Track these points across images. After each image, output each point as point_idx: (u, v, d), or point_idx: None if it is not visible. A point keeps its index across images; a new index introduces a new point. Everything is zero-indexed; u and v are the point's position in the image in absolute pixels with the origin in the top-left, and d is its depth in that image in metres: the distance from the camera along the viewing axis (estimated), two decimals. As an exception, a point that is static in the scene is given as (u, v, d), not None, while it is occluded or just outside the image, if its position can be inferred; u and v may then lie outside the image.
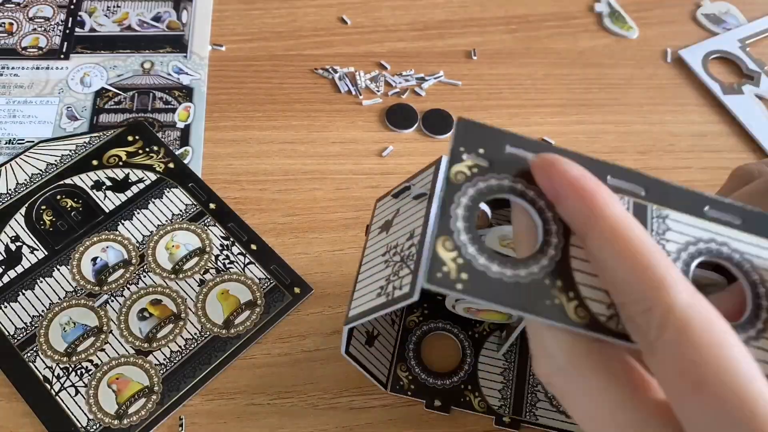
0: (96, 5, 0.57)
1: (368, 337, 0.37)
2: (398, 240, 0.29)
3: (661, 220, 0.25)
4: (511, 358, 0.40)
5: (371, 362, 0.37)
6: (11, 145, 0.48)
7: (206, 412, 0.39)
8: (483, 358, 0.40)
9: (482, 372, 0.40)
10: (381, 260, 0.30)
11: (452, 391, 0.39)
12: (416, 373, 0.40)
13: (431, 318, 0.42)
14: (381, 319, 0.39)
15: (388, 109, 0.52)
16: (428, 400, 0.39)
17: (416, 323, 0.42)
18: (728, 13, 0.60)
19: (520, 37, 0.58)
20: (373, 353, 0.38)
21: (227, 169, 0.48)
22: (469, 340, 0.41)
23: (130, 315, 0.41)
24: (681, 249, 0.24)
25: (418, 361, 0.40)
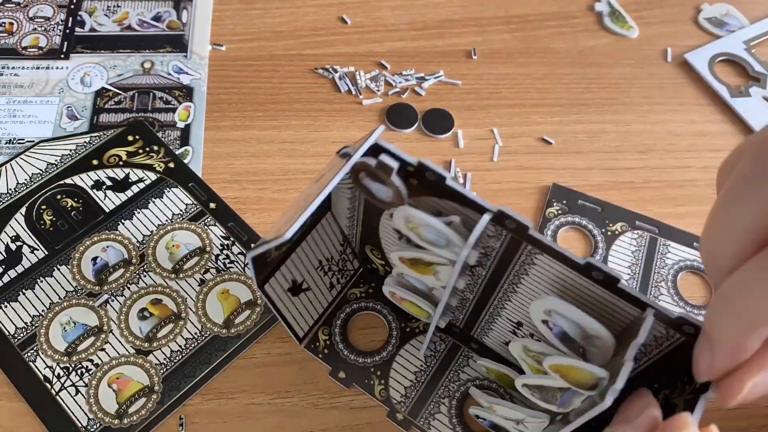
0: (96, 5, 0.57)
1: (294, 286, 0.38)
2: (313, 191, 0.31)
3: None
4: (431, 363, 0.40)
5: (291, 312, 0.38)
6: (11, 145, 0.48)
7: (206, 412, 0.39)
8: (404, 353, 0.40)
9: (397, 364, 0.40)
10: (297, 205, 0.32)
11: (361, 370, 0.40)
12: (335, 341, 0.40)
13: (373, 298, 0.42)
14: (315, 275, 0.39)
15: (388, 108, 0.52)
16: (334, 369, 0.39)
17: (357, 297, 0.42)
18: (729, 15, 0.60)
19: (520, 36, 0.58)
20: (295, 304, 0.38)
21: (227, 168, 0.48)
22: (399, 330, 0.41)
23: (130, 315, 0.41)
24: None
25: (342, 332, 0.41)
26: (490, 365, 0.38)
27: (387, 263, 0.40)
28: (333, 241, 0.40)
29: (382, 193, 0.32)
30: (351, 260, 0.42)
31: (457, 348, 0.41)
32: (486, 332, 0.39)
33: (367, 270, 0.43)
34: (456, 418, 0.38)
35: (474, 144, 0.51)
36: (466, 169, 0.49)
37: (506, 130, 0.52)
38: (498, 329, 0.37)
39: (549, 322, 0.30)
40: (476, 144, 0.51)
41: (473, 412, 0.37)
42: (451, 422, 0.38)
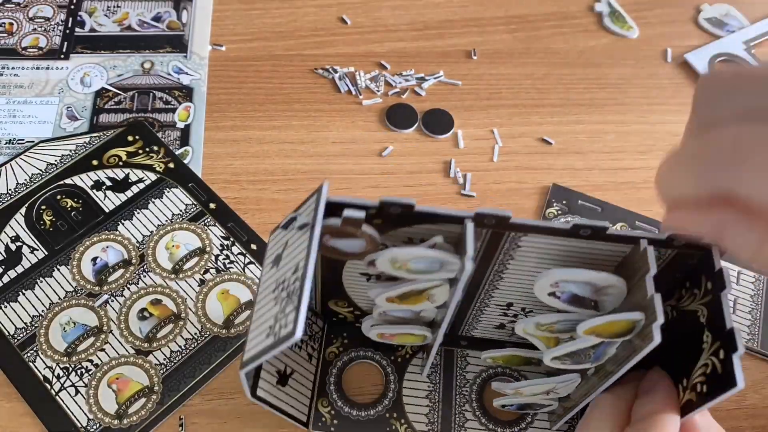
0: (96, 5, 0.57)
1: (280, 377, 0.36)
2: (285, 274, 0.28)
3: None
4: (435, 379, 0.40)
5: (287, 402, 0.36)
6: (11, 145, 0.48)
7: (206, 412, 0.39)
8: (407, 383, 0.39)
9: (407, 397, 0.39)
10: (271, 297, 0.29)
11: (377, 421, 0.38)
12: (338, 407, 0.38)
13: (352, 347, 0.40)
14: (294, 354, 0.38)
15: (388, 109, 0.52)
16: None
17: (336, 354, 0.40)
18: (729, 15, 0.60)
19: (520, 37, 0.58)
20: (288, 392, 0.36)
21: (227, 169, 0.48)
22: (392, 365, 0.40)
23: (130, 315, 0.41)
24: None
25: (340, 394, 0.39)
26: (495, 354, 0.38)
27: (356, 308, 0.38)
28: None
29: (352, 247, 0.30)
30: (315, 322, 0.41)
31: (450, 353, 0.40)
32: (474, 326, 0.39)
33: (334, 323, 0.41)
34: (484, 418, 0.39)
35: (474, 144, 0.51)
36: (465, 169, 0.49)
37: (506, 130, 0.52)
38: (487, 318, 0.37)
39: (556, 293, 0.30)
40: (476, 144, 0.51)
41: (499, 404, 0.38)
42: (482, 423, 0.38)
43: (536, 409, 0.38)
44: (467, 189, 0.48)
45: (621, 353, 0.30)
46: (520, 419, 0.39)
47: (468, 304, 0.36)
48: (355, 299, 0.37)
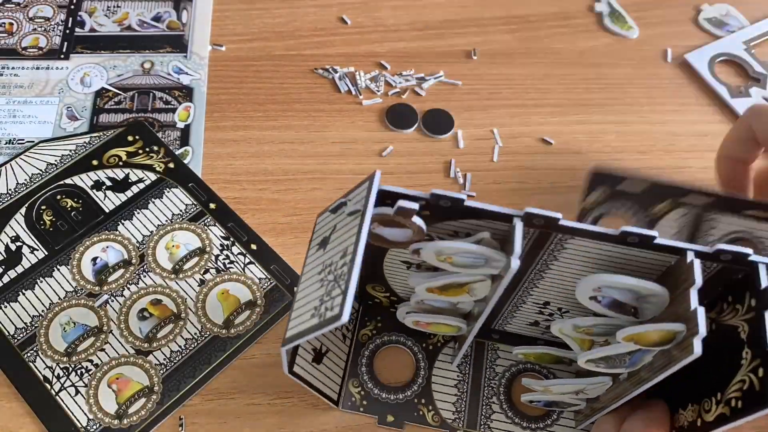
0: (96, 5, 0.57)
1: (316, 355, 0.37)
2: (333, 258, 0.29)
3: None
4: (465, 369, 0.40)
5: (320, 380, 0.37)
6: (11, 145, 0.48)
7: (206, 412, 0.39)
8: (437, 371, 0.40)
9: (436, 384, 0.39)
10: (317, 279, 0.29)
11: (405, 405, 0.39)
12: (368, 388, 0.39)
13: (385, 331, 0.41)
14: (330, 334, 0.38)
15: (388, 109, 0.52)
16: (381, 416, 0.38)
17: (369, 337, 0.41)
18: (729, 15, 0.60)
19: (520, 37, 0.57)
20: (322, 370, 0.37)
21: (227, 169, 0.48)
22: (423, 352, 0.41)
23: (130, 315, 0.41)
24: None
25: (371, 376, 0.40)
26: (527, 351, 0.38)
27: (393, 294, 0.39)
28: None
29: (398, 236, 0.31)
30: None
31: (481, 345, 0.41)
32: (508, 321, 0.39)
33: (368, 306, 0.42)
34: (511, 411, 0.39)
35: (474, 144, 0.51)
36: (466, 169, 0.49)
37: (506, 130, 0.52)
38: (522, 315, 0.38)
39: (598, 297, 0.30)
40: (476, 144, 0.51)
41: (526, 399, 0.38)
42: (508, 416, 0.39)
43: (563, 408, 0.38)
44: (467, 189, 0.48)
45: (657, 362, 0.29)
46: (546, 415, 0.39)
47: (505, 299, 0.36)
48: (393, 285, 0.38)
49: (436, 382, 0.40)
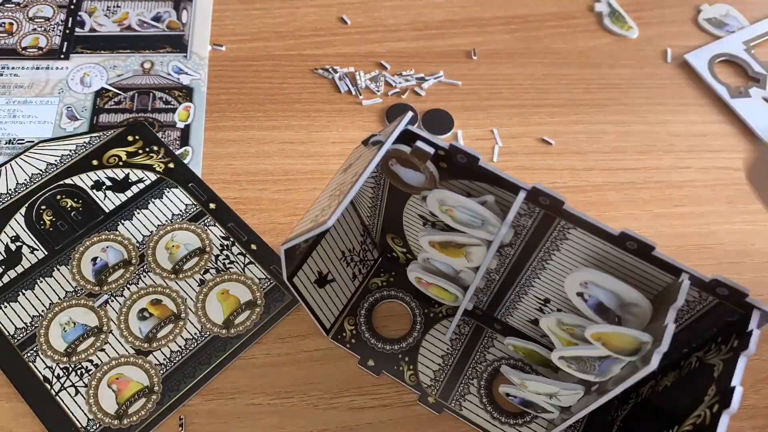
0: (96, 5, 0.57)
1: (320, 278, 0.39)
2: (346, 179, 0.31)
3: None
4: (457, 346, 0.41)
5: (317, 303, 0.39)
6: (11, 145, 0.48)
7: (206, 412, 0.39)
8: (430, 337, 0.41)
9: (424, 349, 0.41)
10: (328, 195, 0.32)
11: (389, 356, 0.40)
12: (362, 330, 0.41)
13: (394, 286, 0.43)
14: (339, 266, 0.40)
15: (388, 109, 0.52)
16: (363, 358, 0.40)
17: (378, 286, 0.43)
18: (728, 15, 0.60)
19: (520, 37, 0.58)
20: (321, 296, 0.39)
21: (227, 169, 0.48)
22: (423, 317, 0.42)
23: (130, 315, 0.41)
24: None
25: (367, 321, 0.42)
26: (517, 343, 0.39)
27: (408, 250, 0.41)
28: (354, 232, 0.41)
29: (413, 178, 0.32)
30: (371, 250, 0.43)
31: (480, 330, 0.42)
32: (510, 312, 0.40)
33: (387, 259, 0.44)
34: (486, 398, 0.39)
35: (474, 144, 0.51)
36: (465, 169, 0.49)
37: (506, 130, 0.52)
38: (524, 308, 0.38)
39: (584, 294, 0.30)
40: (476, 144, 0.51)
41: (503, 390, 0.38)
42: (482, 402, 0.39)
43: (538, 412, 0.38)
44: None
45: (623, 374, 0.30)
46: (519, 414, 0.39)
47: (509, 284, 0.37)
48: (409, 239, 0.39)
49: (425, 347, 0.41)
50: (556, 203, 0.29)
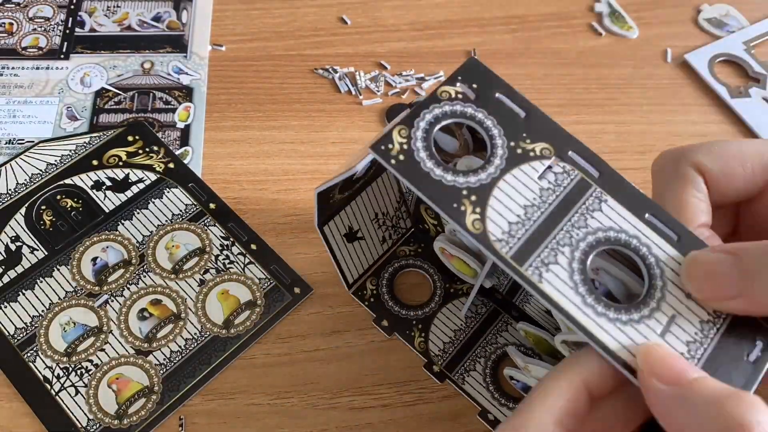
0: (96, 5, 0.57)
1: (349, 232, 0.40)
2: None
3: (597, 200, 0.29)
4: (471, 324, 0.42)
5: (343, 256, 0.40)
6: (11, 145, 0.48)
7: (206, 412, 0.39)
8: (446, 311, 0.42)
9: (438, 321, 0.42)
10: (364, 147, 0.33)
11: (403, 321, 0.42)
12: (381, 291, 0.42)
13: (421, 257, 0.44)
14: (370, 226, 0.41)
15: (388, 109, 0.52)
16: (378, 317, 0.41)
17: (406, 254, 0.44)
18: (729, 15, 0.60)
19: (520, 37, 0.58)
20: (348, 250, 0.41)
21: (227, 169, 0.48)
22: (444, 290, 0.43)
23: (130, 315, 0.41)
24: (601, 228, 0.28)
25: (389, 284, 0.43)
26: (528, 329, 0.39)
27: (440, 224, 0.42)
28: (390, 197, 0.42)
29: (448, 144, 0.32)
30: (404, 218, 0.44)
31: (497, 313, 0.42)
32: (528, 299, 0.40)
33: (419, 230, 0.44)
34: (490, 378, 0.40)
35: (474, 144, 0.51)
36: (465, 169, 0.49)
37: (506, 130, 0.51)
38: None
39: (596, 281, 0.29)
40: (476, 144, 0.51)
41: (507, 373, 0.38)
42: (485, 381, 0.40)
43: None
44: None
45: None
46: (518, 399, 0.39)
47: None
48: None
49: (439, 319, 0.42)
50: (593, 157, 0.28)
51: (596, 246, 0.28)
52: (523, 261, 0.28)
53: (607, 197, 0.29)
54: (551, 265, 0.28)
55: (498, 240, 0.28)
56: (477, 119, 0.29)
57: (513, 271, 0.27)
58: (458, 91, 0.30)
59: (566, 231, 0.29)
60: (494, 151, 0.29)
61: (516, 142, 0.30)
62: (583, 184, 0.29)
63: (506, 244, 0.28)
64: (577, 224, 0.29)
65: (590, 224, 0.28)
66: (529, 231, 0.28)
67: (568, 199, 0.29)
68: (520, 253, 0.28)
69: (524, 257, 0.28)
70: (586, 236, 0.28)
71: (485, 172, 0.29)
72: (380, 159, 0.28)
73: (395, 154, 0.29)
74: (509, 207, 0.29)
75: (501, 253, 0.28)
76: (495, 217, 0.29)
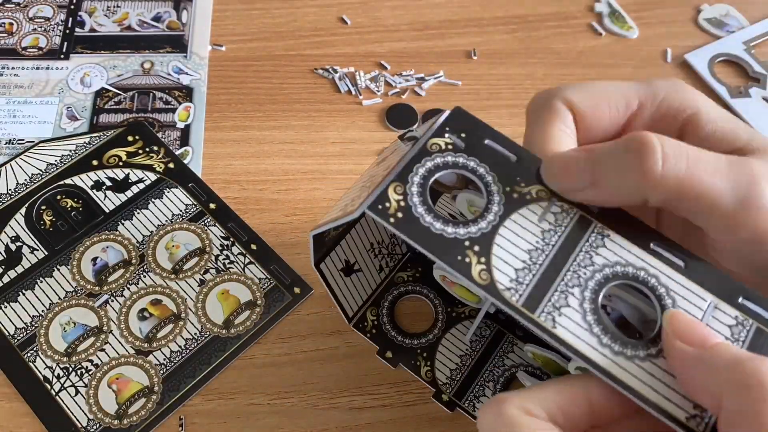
0: (96, 5, 0.57)
1: (346, 266, 0.39)
2: (378, 171, 0.31)
3: (599, 236, 0.28)
4: (476, 348, 0.41)
5: (341, 290, 0.39)
6: (11, 145, 0.48)
7: (206, 412, 0.39)
8: (450, 336, 0.41)
9: (443, 348, 0.41)
10: (359, 186, 0.32)
11: (407, 350, 0.41)
12: (383, 321, 0.41)
13: (420, 282, 0.43)
14: (366, 257, 0.41)
15: (388, 109, 0.52)
16: (382, 349, 0.41)
17: (404, 280, 0.43)
18: (729, 15, 0.60)
19: (520, 37, 0.58)
20: (347, 284, 0.40)
21: (227, 169, 0.48)
22: (446, 315, 0.42)
23: (130, 315, 0.41)
24: (607, 264, 0.28)
25: (390, 313, 0.42)
26: (536, 350, 0.38)
27: None
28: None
29: (444, 176, 0.31)
30: (400, 244, 0.43)
31: (501, 334, 0.41)
32: None
33: (415, 254, 0.44)
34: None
35: (474, 144, 0.51)
36: (466, 169, 0.49)
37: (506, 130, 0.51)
38: None
39: (608, 307, 0.29)
40: (476, 144, 0.51)
41: None
42: None
43: None
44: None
45: None
46: None
47: None
48: None
49: (444, 345, 0.41)
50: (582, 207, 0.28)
51: (605, 283, 0.28)
52: (534, 308, 0.27)
53: (609, 232, 0.29)
54: (563, 308, 0.27)
55: (507, 289, 0.28)
56: (470, 168, 0.30)
57: (525, 319, 0.27)
58: (447, 141, 0.30)
59: (573, 271, 0.28)
60: (491, 198, 0.29)
61: (511, 186, 0.29)
62: (583, 221, 0.29)
63: (515, 291, 0.28)
64: (583, 263, 0.28)
65: (596, 261, 0.28)
66: (536, 276, 0.28)
67: (570, 239, 0.29)
68: (530, 300, 0.27)
69: (535, 303, 0.27)
70: (594, 274, 0.28)
71: (485, 220, 0.29)
72: (379, 219, 0.28)
73: (393, 212, 0.28)
74: (513, 253, 0.28)
75: (511, 302, 0.27)
76: (501, 266, 0.28)
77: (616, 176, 0.26)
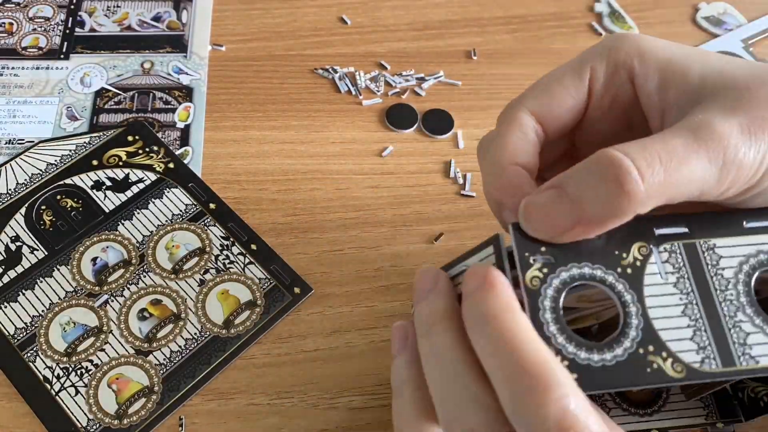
0: (96, 5, 0.57)
1: None
2: None
3: (711, 251, 0.27)
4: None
5: None
6: (11, 145, 0.48)
7: (206, 412, 0.39)
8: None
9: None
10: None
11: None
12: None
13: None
14: None
15: (388, 109, 0.52)
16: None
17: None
18: (726, 13, 0.60)
19: (520, 37, 0.58)
20: None
21: (227, 169, 0.48)
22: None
23: (130, 315, 0.41)
24: (737, 271, 0.27)
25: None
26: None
27: None
28: None
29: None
30: None
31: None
32: None
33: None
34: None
35: (474, 144, 0.51)
36: (465, 169, 0.49)
37: (506, 130, 0.51)
38: None
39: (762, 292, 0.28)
40: (476, 144, 0.51)
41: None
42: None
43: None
44: (467, 189, 0.48)
45: None
46: None
47: None
48: None
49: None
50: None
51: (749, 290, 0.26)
52: (731, 361, 0.26)
53: (710, 240, 0.27)
54: (746, 338, 0.26)
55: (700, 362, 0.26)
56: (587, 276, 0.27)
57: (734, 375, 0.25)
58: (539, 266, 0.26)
59: (723, 300, 0.27)
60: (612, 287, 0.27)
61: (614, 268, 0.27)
62: (690, 248, 0.27)
63: (708, 359, 0.26)
64: (721, 286, 0.27)
65: (727, 276, 0.27)
66: (707, 330, 0.26)
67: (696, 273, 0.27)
68: (723, 357, 0.26)
69: (728, 355, 0.26)
70: (736, 287, 0.27)
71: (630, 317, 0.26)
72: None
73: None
74: (676, 325, 0.26)
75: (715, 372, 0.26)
76: (678, 346, 0.26)
77: (600, 208, 0.25)
